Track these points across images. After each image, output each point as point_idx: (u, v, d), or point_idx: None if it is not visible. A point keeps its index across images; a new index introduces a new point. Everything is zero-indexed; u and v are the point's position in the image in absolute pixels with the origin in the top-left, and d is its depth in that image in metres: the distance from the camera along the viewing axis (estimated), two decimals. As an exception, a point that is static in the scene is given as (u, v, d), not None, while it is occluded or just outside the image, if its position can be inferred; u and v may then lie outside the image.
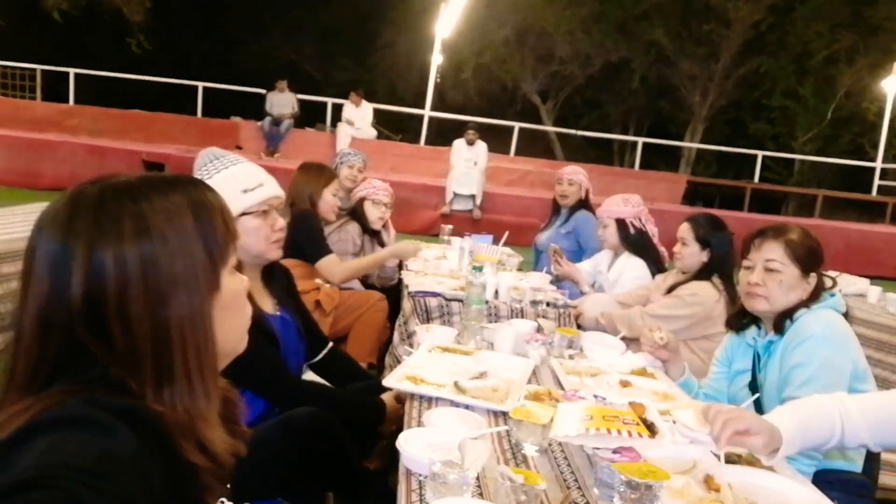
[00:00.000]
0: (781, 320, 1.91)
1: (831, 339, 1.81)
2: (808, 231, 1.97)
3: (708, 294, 2.70)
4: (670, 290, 2.84)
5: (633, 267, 3.27)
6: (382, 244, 3.77)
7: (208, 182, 1.78)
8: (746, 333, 2.05)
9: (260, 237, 1.84)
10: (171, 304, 0.75)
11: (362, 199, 3.60)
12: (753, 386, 1.97)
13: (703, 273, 2.77)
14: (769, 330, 1.95)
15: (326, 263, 2.98)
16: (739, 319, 2.06)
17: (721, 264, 2.76)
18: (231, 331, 0.85)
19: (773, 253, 1.90)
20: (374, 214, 3.59)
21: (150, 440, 0.71)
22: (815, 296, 1.90)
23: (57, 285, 0.73)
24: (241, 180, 1.81)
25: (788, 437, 1.36)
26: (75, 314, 0.73)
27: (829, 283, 1.95)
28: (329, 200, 3.14)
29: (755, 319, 2.01)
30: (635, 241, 3.30)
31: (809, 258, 1.89)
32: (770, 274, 1.90)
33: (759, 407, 1.92)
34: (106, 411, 0.68)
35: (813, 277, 1.90)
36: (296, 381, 1.93)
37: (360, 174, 4.03)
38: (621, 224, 3.30)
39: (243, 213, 1.80)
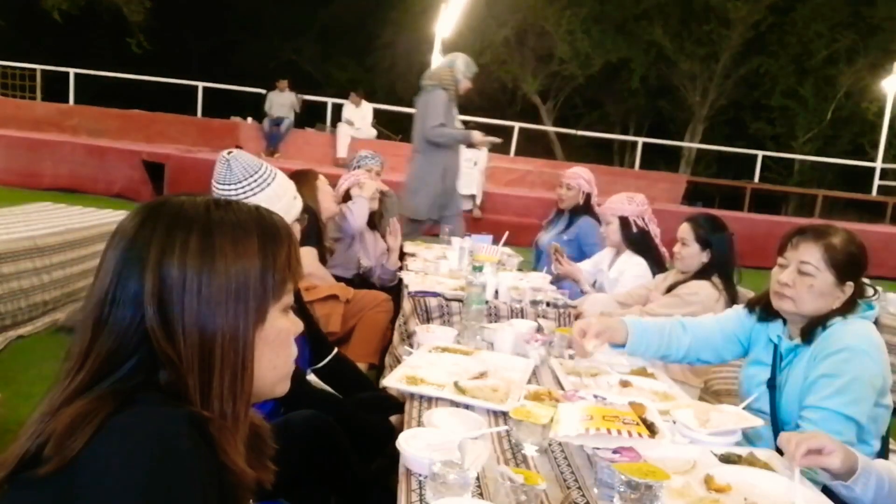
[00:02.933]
0: (811, 328, 1.81)
1: (868, 354, 1.73)
2: (853, 236, 1.84)
3: (708, 294, 2.69)
4: (670, 289, 2.84)
5: (634, 265, 3.27)
6: (384, 239, 3.82)
7: (266, 190, 1.79)
8: (770, 327, 1.96)
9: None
10: (217, 320, 0.79)
11: (348, 191, 3.68)
12: (772, 384, 1.90)
13: (703, 273, 2.77)
14: (795, 336, 1.87)
15: (304, 253, 3.02)
16: (767, 310, 1.94)
17: (721, 264, 2.76)
18: (270, 369, 0.87)
19: (809, 255, 1.79)
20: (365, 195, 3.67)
21: (206, 447, 0.75)
22: (850, 304, 1.80)
23: (121, 284, 0.79)
24: (287, 188, 1.87)
25: (864, 464, 1.36)
26: (147, 319, 0.78)
27: (870, 292, 1.85)
28: (326, 191, 3.23)
29: (781, 315, 1.92)
30: (637, 240, 3.29)
31: (848, 266, 1.79)
32: (802, 277, 1.79)
33: (775, 408, 1.90)
34: (171, 422, 0.73)
35: (849, 286, 1.79)
36: (309, 387, 1.93)
37: (377, 178, 4.04)
38: (624, 222, 3.30)
39: (294, 220, 1.89)
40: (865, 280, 1.90)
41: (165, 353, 0.78)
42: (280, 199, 1.82)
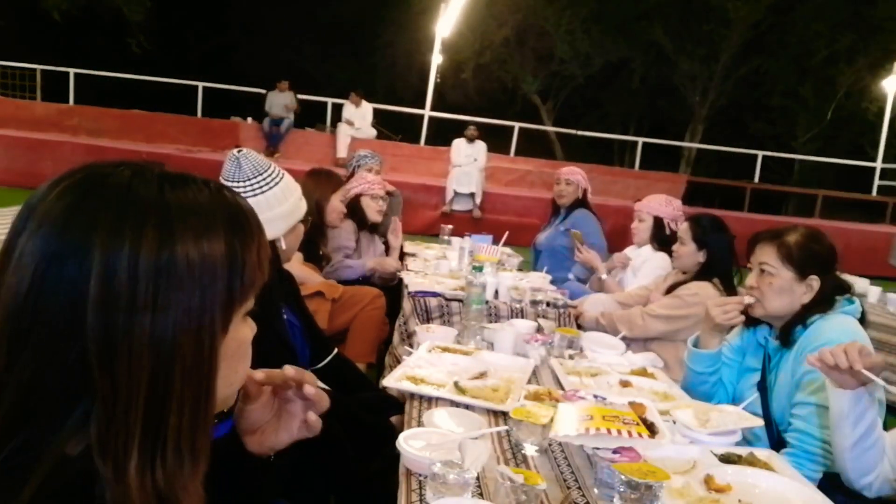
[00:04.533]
0: (790, 329, 1.87)
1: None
2: (815, 234, 1.91)
3: (708, 294, 2.68)
4: (670, 289, 2.84)
5: (659, 258, 3.32)
6: (387, 243, 3.80)
7: (273, 189, 1.78)
8: (758, 331, 2.02)
9: (298, 242, 1.94)
10: (177, 333, 0.61)
11: (358, 196, 3.61)
12: (763, 386, 1.95)
13: (703, 274, 2.77)
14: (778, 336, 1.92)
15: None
16: (751, 316, 2.01)
17: (719, 266, 2.74)
18: (224, 387, 0.69)
19: (766, 256, 1.89)
20: (372, 208, 3.62)
21: None
22: (827, 301, 1.85)
23: (47, 286, 0.58)
24: (294, 189, 1.88)
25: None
26: (87, 335, 0.58)
27: (848, 287, 1.89)
28: (336, 206, 3.22)
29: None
30: (666, 242, 3.34)
31: (807, 261, 1.85)
32: (763, 277, 1.89)
33: (767, 408, 1.91)
34: None
35: (814, 280, 1.85)
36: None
37: (377, 177, 4.04)
38: (658, 222, 3.36)
39: (299, 221, 1.90)
40: (848, 277, 1.93)
41: (103, 388, 0.58)
42: (287, 199, 1.82)
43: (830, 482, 1.65)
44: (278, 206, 1.80)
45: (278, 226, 1.81)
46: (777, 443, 1.86)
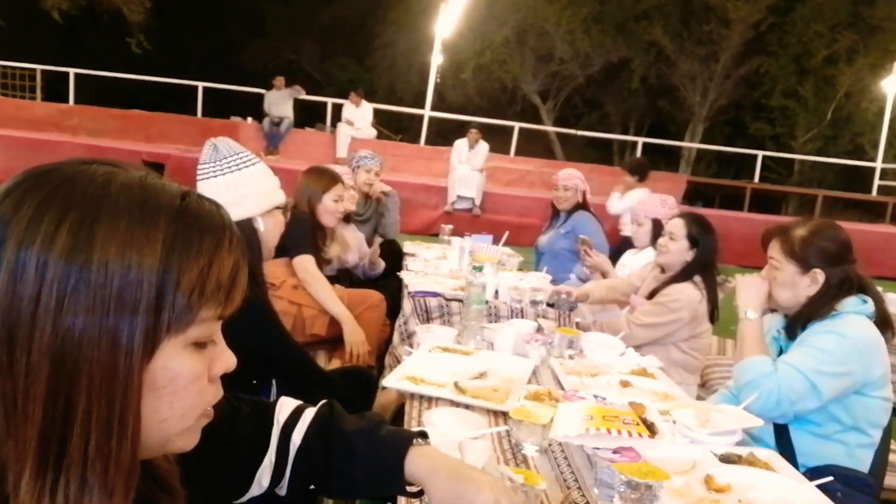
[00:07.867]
0: (795, 325, 1.93)
1: (850, 340, 1.79)
2: (822, 228, 1.93)
3: (690, 297, 2.69)
4: (652, 294, 2.84)
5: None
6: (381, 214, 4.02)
7: (250, 168, 1.78)
8: (773, 322, 2.07)
9: (278, 232, 1.93)
10: (82, 345, 0.55)
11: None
12: None
13: (683, 273, 2.76)
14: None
15: (302, 261, 2.85)
16: None
17: (704, 266, 2.75)
18: (159, 421, 0.61)
19: (773, 251, 1.96)
20: (361, 179, 3.86)
21: None
22: (834, 296, 1.86)
23: None
24: (272, 176, 1.87)
25: None
26: None
27: (867, 287, 1.90)
28: (329, 206, 3.05)
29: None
30: None
31: (809, 254, 1.88)
32: (771, 271, 1.96)
33: None
34: None
35: (819, 273, 1.87)
36: (325, 375, 1.94)
37: (377, 178, 4.04)
38: (657, 224, 3.35)
39: (276, 207, 1.89)
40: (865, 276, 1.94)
41: (4, 390, 0.54)
42: (263, 179, 1.83)
43: (827, 470, 1.66)
44: (254, 183, 1.81)
45: (256, 203, 1.82)
46: (780, 434, 1.87)
